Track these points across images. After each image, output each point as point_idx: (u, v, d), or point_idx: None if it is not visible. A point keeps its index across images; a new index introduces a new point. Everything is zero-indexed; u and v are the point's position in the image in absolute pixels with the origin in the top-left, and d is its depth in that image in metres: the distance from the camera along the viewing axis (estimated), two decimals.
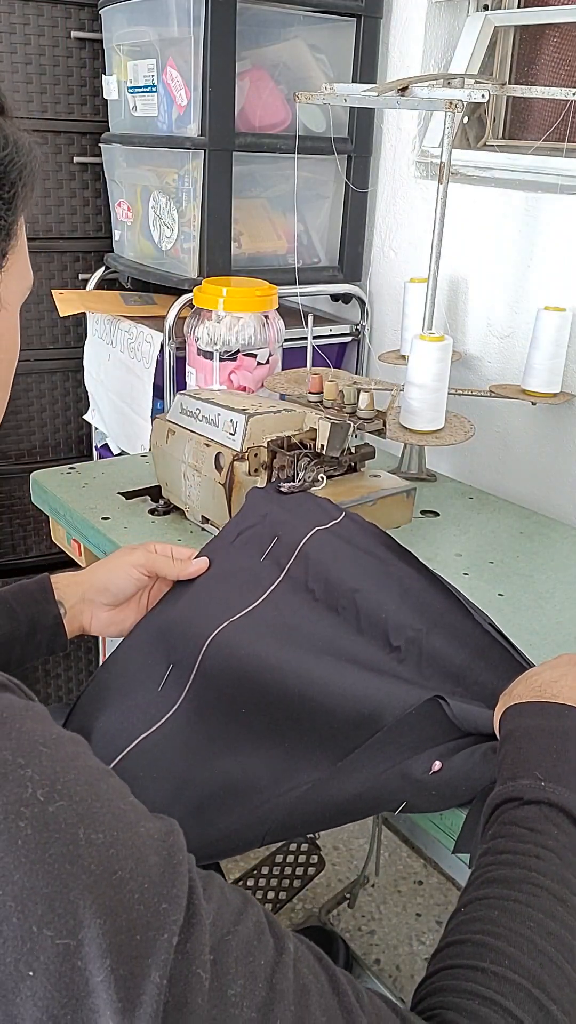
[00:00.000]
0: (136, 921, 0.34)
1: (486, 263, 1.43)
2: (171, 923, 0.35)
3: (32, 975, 0.32)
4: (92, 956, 0.33)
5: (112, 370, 1.68)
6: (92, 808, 0.36)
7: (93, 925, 0.33)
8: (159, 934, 0.34)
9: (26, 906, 0.32)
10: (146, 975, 0.33)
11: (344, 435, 1.09)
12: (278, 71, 1.51)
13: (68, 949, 0.32)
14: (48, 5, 1.66)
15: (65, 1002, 0.32)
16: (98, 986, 0.32)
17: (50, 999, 0.32)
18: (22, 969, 0.32)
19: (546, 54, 1.51)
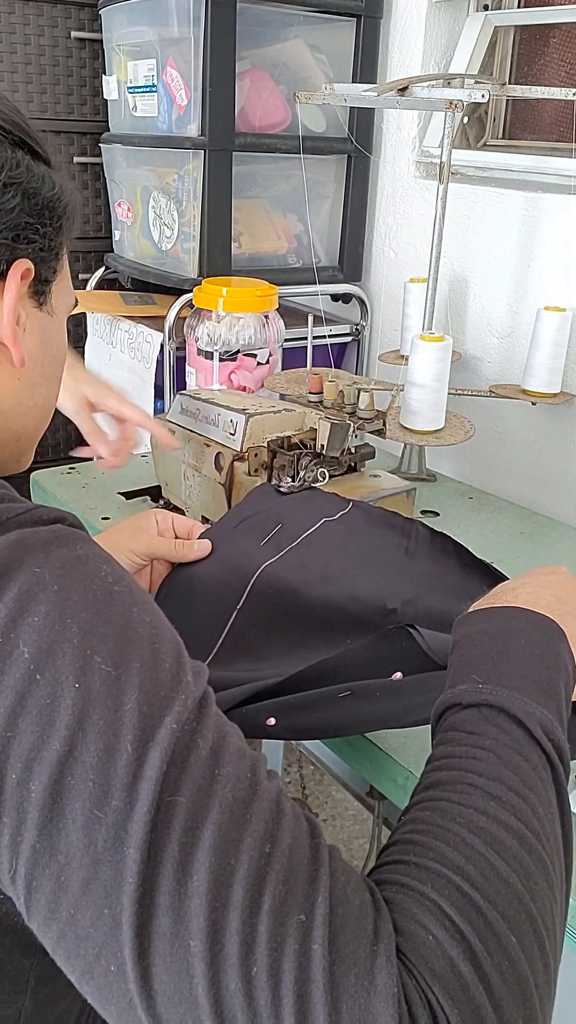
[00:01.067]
0: (163, 680, 0.42)
1: (486, 263, 1.43)
2: (190, 694, 0.43)
3: (77, 687, 0.39)
4: (127, 688, 0.40)
5: (113, 370, 1.68)
6: (145, 601, 0.45)
7: (133, 667, 0.41)
8: (179, 695, 0.42)
9: (86, 635, 0.41)
10: (164, 718, 0.40)
11: (344, 435, 1.09)
12: (278, 71, 1.51)
13: (110, 676, 0.40)
14: (48, 5, 1.66)
15: (97, 716, 0.39)
16: (125, 712, 0.40)
17: (84, 710, 0.39)
18: (71, 680, 0.40)
19: (546, 54, 1.51)
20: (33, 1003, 0.52)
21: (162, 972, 0.37)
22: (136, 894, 0.37)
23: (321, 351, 1.59)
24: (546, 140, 1.51)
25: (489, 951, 0.39)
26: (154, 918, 0.37)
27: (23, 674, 0.40)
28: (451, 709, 0.53)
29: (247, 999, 0.36)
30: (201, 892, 0.37)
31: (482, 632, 0.57)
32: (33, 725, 0.39)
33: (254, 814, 0.40)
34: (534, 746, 0.48)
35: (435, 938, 0.39)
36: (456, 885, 0.41)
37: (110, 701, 0.40)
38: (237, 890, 0.37)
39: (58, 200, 0.57)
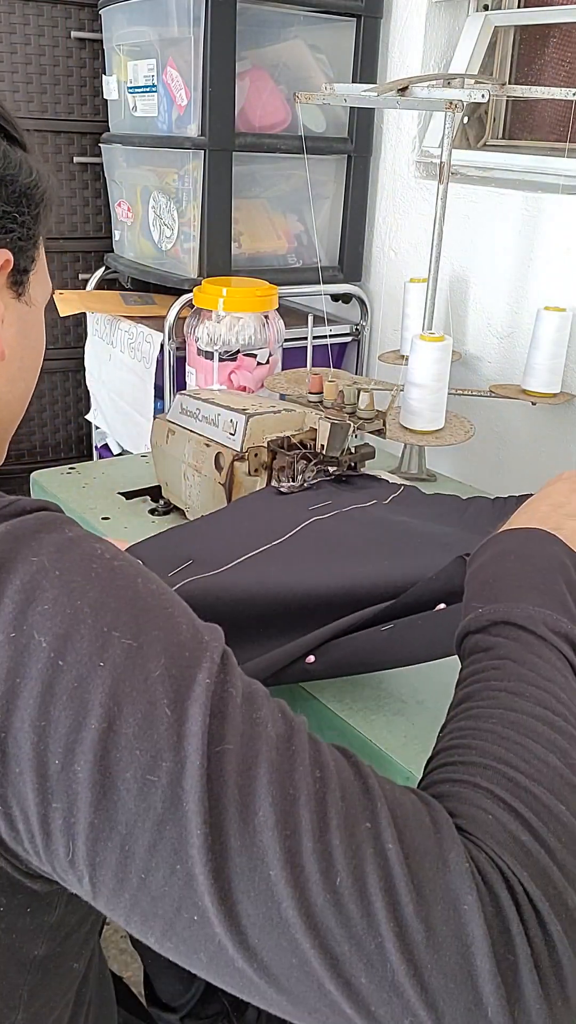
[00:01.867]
0: (185, 642, 0.43)
1: (486, 263, 1.43)
2: (213, 650, 0.43)
3: (102, 665, 0.40)
4: (151, 655, 0.41)
5: (113, 370, 1.68)
6: (145, 571, 0.46)
7: (152, 635, 0.42)
8: (203, 653, 0.43)
9: (99, 613, 0.41)
10: (195, 676, 0.41)
11: (344, 435, 1.09)
12: (278, 71, 1.51)
13: (132, 648, 0.41)
14: (48, 5, 1.66)
15: (129, 688, 0.40)
16: (155, 679, 0.40)
17: (115, 685, 0.40)
18: (95, 660, 0.40)
19: (546, 54, 1.51)
20: (26, 1017, 0.52)
21: (248, 907, 0.38)
22: (206, 844, 0.38)
23: (321, 351, 1.59)
24: (546, 140, 1.51)
25: (543, 820, 0.41)
26: (228, 860, 0.38)
27: (45, 663, 0.40)
28: (464, 640, 0.55)
29: (337, 908, 0.37)
30: (269, 825, 0.38)
31: (479, 566, 0.59)
32: (66, 710, 0.39)
33: (297, 745, 0.42)
34: (542, 643, 0.51)
35: (492, 816, 0.41)
36: (501, 772, 0.43)
37: (138, 672, 0.40)
38: (303, 814, 0.39)
39: (35, 187, 0.55)
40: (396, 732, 0.78)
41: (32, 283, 0.59)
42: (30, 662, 0.40)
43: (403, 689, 0.84)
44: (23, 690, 0.39)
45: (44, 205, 0.57)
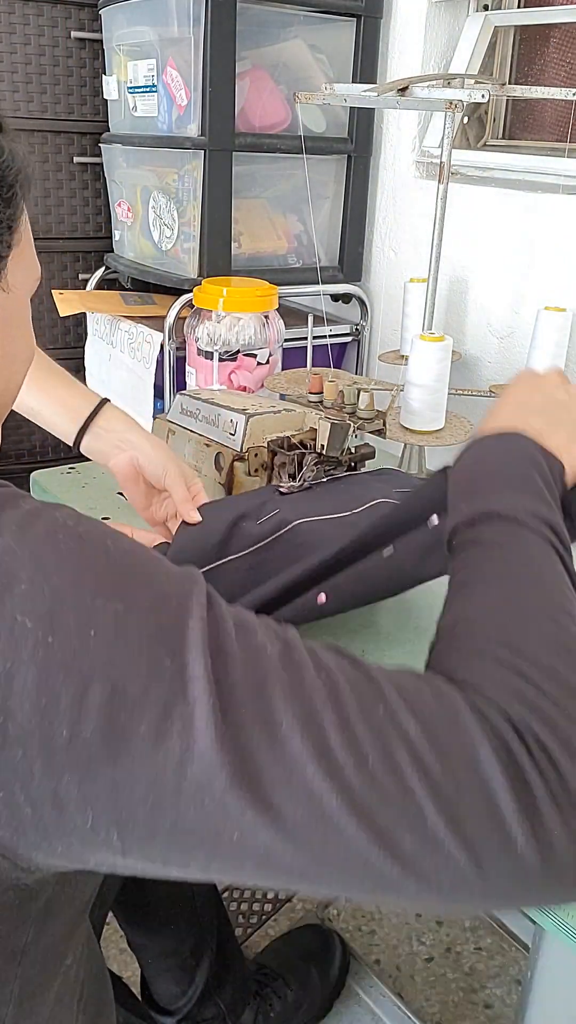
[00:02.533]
0: (169, 593, 0.44)
1: (486, 263, 1.43)
2: (197, 593, 0.44)
3: (94, 634, 0.40)
4: (139, 614, 0.41)
5: (113, 370, 1.68)
6: (110, 530, 0.46)
7: (135, 593, 0.42)
8: (188, 598, 0.44)
9: (78, 584, 0.41)
10: (186, 622, 0.42)
11: (344, 435, 1.09)
12: (278, 71, 1.51)
13: (119, 612, 0.41)
14: (48, 5, 1.66)
15: (124, 650, 0.40)
16: (149, 636, 0.41)
17: (110, 650, 0.40)
18: (85, 631, 0.40)
19: (546, 54, 1.51)
20: (18, 1012, 0.52)
21: (292, 810, 0.40)
22: (237, 770, 0.40)
23: (321, 351, 1.59)
24: (546, 140, 1.51)
25: (544, 674, 0.45)
26: (263, 776, 0.40)
27: (35, 643, 0.40)
28: (453, 538, 0.58)
29: (374, 788, 0.40)
30: (296, 732, 0.41)
31: (459, 470, 0.62)
32: (67, 684, 0.39)
33: (298, 657, 0.44)
34: (526, 529, 0.54)
35: (497, 676, 0.45)
36: (500, 641, 0.47)
37: (131, 632, 0.41)
38: (324, 714, 0.42)
39: (8, 168, 0.52)
40: None
41: (10, 269, 0.55)
42: (20, 645, 0.40)
43: None
44: (17, 673, 0.39)
45: (20, 185, 0.53)
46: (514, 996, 1.33)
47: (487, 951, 1.41)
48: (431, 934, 1.44)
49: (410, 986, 1.35)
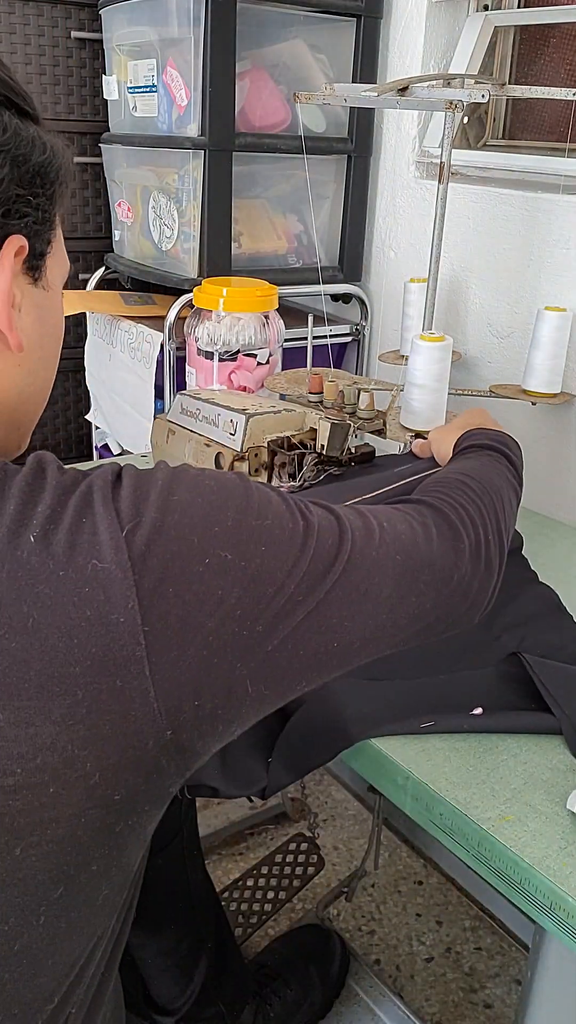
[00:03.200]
0: (287, 507, 0.54)
1: (486, 263, 1.43)
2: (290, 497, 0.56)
3: (264, 549, 0.49)
4: (279, 524, 0.51)
5: (113, 370, 1.68)
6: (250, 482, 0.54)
7: (273, 510, 0.52)
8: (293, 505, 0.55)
9: (245, 514, 0.49)
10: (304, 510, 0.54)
11: (344, 435, 1.09)
12: (278, 71, 1.51)
13: (268, 526, 0.51)
14: (48, 5, 1.66)
15: (284, 549, 0.51)
16: (287, 539, 0.51)
17: (278, 551, 0.50)
18: (259, 547, 0.49)
19: (546, 54, 1.51)
20: (112, 940, 0.58)
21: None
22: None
23: (321, 351, 1.59)
24: (546, 140, 1.51)
25: (466, 494, 0.72)
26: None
27: (237, 568, 0.48)
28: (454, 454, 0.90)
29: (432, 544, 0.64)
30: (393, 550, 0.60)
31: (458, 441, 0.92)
32: (267, 585, 0.49)
33: (340, 551, 0.55)
34: (479, 450, 0.86)
35: (431, 497, 0.71)
36: (440, 492, 0.72)
37: (280, 536, 0.51)
38: (406, 534, 0.63)
39: (50, 164, 0.53)
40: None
41: (49, 266, 0.57)
42: (227, 572, 0.47)
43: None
44: (228, 596, 0.47)
45: (60, 183, 0.55)
46: (514, 996, 1.33)
47: (487, 951, 1.41)
48: (431, 934, 1.44)
49: (410, 986, 1.35)
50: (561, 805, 0.70)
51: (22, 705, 0.43)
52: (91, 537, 0.44)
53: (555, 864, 0.64)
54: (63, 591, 0.43)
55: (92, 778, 0.45)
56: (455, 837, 0.70)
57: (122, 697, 0.44)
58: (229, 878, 1.51)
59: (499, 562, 0.70)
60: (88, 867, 0.47)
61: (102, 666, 0.43)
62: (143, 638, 0.44)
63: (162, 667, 0.45)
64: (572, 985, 0.72)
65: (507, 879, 0.66)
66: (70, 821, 0.45)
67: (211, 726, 0.48)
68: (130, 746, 0.45)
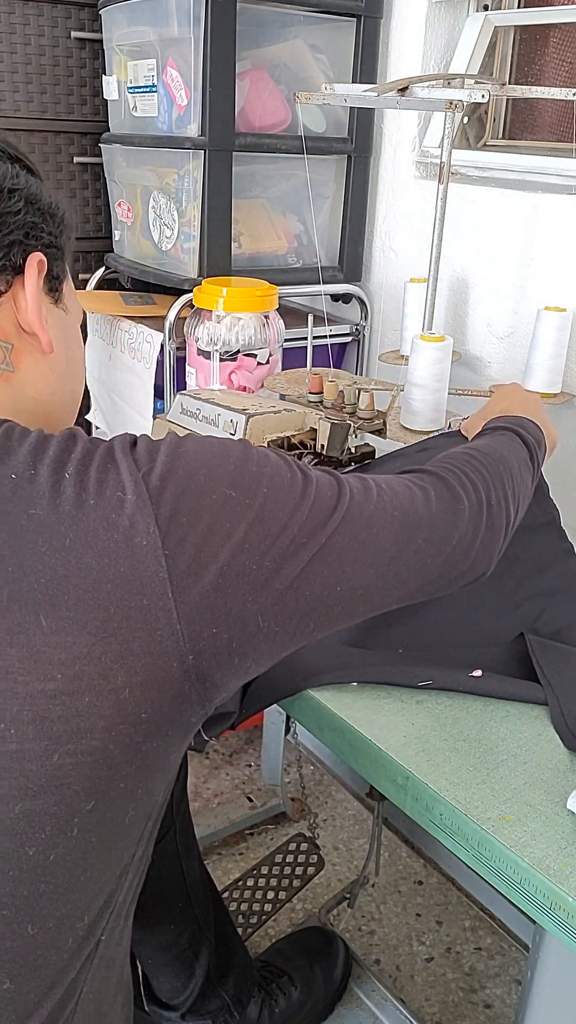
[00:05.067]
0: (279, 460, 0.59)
1: (486, 263, 1.43)
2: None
3: (267, 490, 0.55)
4: (278, 471, 0.57)
5: (113, 370, 1.68)
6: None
7: (271, 459, 0.58)
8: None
9: (245, 462, 0.56)
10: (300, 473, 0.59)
11: (344, 435, 1.09)
12: (278, 71, 1.51)
13: (268, 472, 0.57)
14: (48, 5, 1.66)
15: (284, 493, 0.56)
16: (288, 483, 0.57)
17: (277, 494, 0.55)
18: (260, 488, 0.55)
19: (546, 54, 1.51)
20: (128, 892, 0.61)
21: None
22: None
23: (321, 351, 1.59)
24: (546, 140, 1.51)
25: (469, 463, 0.75)
26: None
27: (241, 506, 0.54)
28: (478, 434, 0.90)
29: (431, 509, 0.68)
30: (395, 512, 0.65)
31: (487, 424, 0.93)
32: (271, 525, 0.54)
33: (337, 509, 0.59)
34: (495, 432, 0.87)
35: (432, 466, 0.74)
36: (442, 462, 0.75)
37: (280, 481, 0.57)
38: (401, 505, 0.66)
39: (56, 208, 0.63)
40: (396, 732, 0.78)
41: (66, 292, 0.67)
42: (235, 508, 0.53)
43: (403, 689, 0.84)
44: (236, 530, 0.53)
45: (65, 224, 0.65)
46: (514, 996, 1.33)
47: (487, 951, 1.41)
48: (431, 934, 1.44)
49: (410, 986, 1.35)
50: (561, 805, 0.70)
51: (62, 616, 0.49)
52: (115, 476, 0.52)
53: (555, 864, 0.64)
54: (95, 516, 0.50)
55: (123, 692, 0.50)
56: (455, 837, 0.70)
57: (149, 615, 0.50)
58: (229, 878, 1.51)
59: (504, 524, 0.74)
60: (116, 784, 0.52)
61: (130, 584, 0.50)
62: (164, 560, 0.50)
63: (182, 590, 0.51)
64: (572, 985, 0.72)
65: (507, 879, 0.66)
66: (103, 733, 0.50)
67: (228, 658, 0.53)
68: (157, 666, 0.51)
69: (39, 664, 0.49)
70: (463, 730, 0.79)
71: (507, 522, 0.75)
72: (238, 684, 0.57)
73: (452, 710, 0.82)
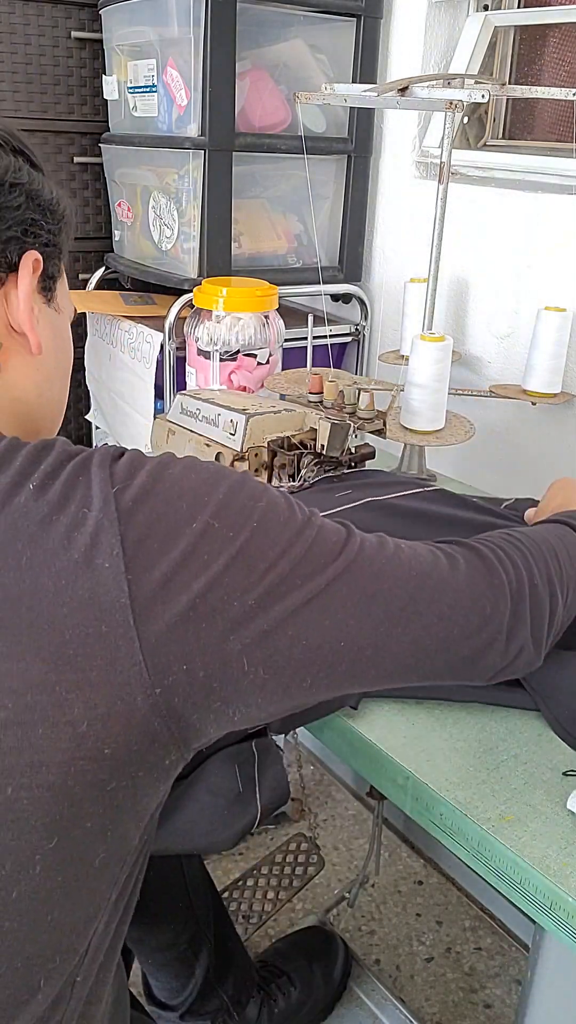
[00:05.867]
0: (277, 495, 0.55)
1: (486, 263, 1.43)
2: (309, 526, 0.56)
3: (256, 524, 0.51)
4: (274, 505, 0.53)
5: (113, 370, 1.68)
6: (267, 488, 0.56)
7: (268, 494, 0.54)
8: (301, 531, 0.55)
9: (236, 493, 0.52)
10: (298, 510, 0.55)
11: (344, 435, 1.09)
12: (278, 71, 1.51)
13: (263, 507, 0.52)
14: (48, 5, 1.66)
15: (275, 527, 0.52)
16: (284, 521, 0.53)
17: (269, 528, 0.52)
18: (249, 523, 0.51)
19: (546, 54, 1.51)
20: (106, 923, 0.57)
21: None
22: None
23: (321, 351, 1.59)
24: (546, 140, 1.51)
25: (509, 542, 0.68)
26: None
27: (223, 539, 0.50)
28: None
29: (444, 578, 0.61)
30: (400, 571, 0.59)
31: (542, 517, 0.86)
32: (253, 561, 0.50)
33: (339, 553, 0.55)
34: (552, 523, 0.78)
35: (476, 542, 0.67)
36: (479, 539, 0.68)
37: (273, 515, 0.53)
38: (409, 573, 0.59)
39: (57, 203, 0.61)
40: (396, 732, 0.78)
41: (59, 293, 0.64)
42: (217, 539, 0.50)
43: (403, 689, 0.84)
44: (215, 561, 0.49)
45: (65, 222, 0.63)
46: (514, 996, 1.33)
47: (487, 951, 1.41)
48: (431, 934, 1.44)
49: (410, 986, 1.35)
50: (561, 805, 0.70)
51: (15, 640, 0.46)
52: (84, 491, 0.49)
53: (555, 864, 0.64)
54: (54, 533, 0.47)
55: (80, 726, 0.47)
56: (455, 837, 0.70)
57: (108, 643, 0.47)
58: (229, 878, 1.51)
59: (550, 609, 0.67)
60: (82, 823, 0.49)
61: (88, 608, 0.46)
62: (127, 586, 0.47)
63: (146, 620, 0.47)
64: (572, 985, 0.72)
65: (507, 879, 0.66)
66: (60, 768, 0.47)
67: (205, 699, 0.50)
68: (118, 698, 0.47)
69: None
70: (463, 730, 0.79)
71: (555, 608, 0.67)
72: (221, 731, 0.53)
73: (452, 710, 0.81)
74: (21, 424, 0.60)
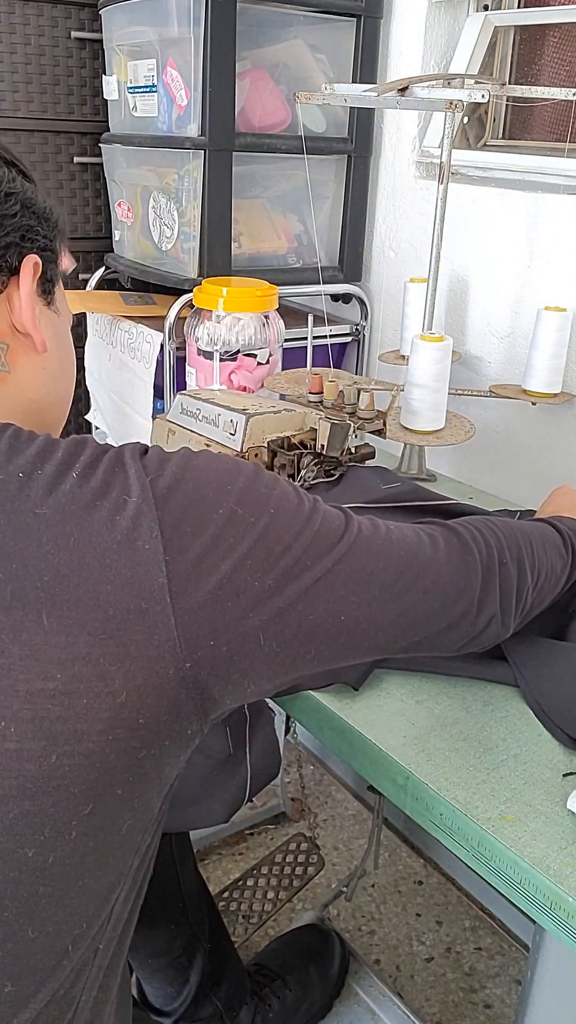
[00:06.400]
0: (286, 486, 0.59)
1: (486, 263, 1.43)
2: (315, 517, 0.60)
3: (273, 511, 0.56)
4: (286, 494, 0.58)
5: (113, 370, 1.68)
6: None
7: (279, 483, 0.58)
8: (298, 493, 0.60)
9: (255, 480, 0.56)
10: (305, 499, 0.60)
11: (344, 435, 1.09)
12: (278, 71, 1.51)
13: (277, 494, 0.57)
14: (48, 5, 1.66)
15: (290, 515, 0.56)
16: (295, 507, 0.58)
17: (284, 515, 0.56)
18: (267, 509, 0.55)
19: (546, 54, 1.51)
20: (124, 901, 0.60)
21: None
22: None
23: (321, 351, 1.59)
24: (546, 140, 1.51)
25: (487, 526, 0.73)
26: None
27: (246, 524, 0.54)
28: None
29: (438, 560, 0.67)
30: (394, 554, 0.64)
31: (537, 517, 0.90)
32: (276, 543, 0.54)
33: (341, 541, 0.60)
34: (538, 522, 0.82)
35: (455, 523, 0.72)
36: (460, 521, 0.73)
37: (287, 504, 0.57)
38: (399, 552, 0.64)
39: (51, 211, 0.64)
40: (396, 732, 0.78)
41: (58, 296, 0.68)
42: (242, 524, 0.54)
43: (403, 689, 0.84)
44: (240, 545, 0.53)
45: (59, 229, 0.65)
46: (514, 996, 1.33)
47: (487, 951, 1.41)
48: (431, 934, 1.44)
49: (410, 986, 1.35)
50: (561, 805, 0.70)
51: (63, 615, 0.49)
52: (123, 480, 0.53)
53: (555, 864, 0.64)
54: (98, 516, 0.51)
55: (120, 696, 0.50)
56: (455, 837, 0.70)
57: (147, 619, 0.50)
58: (229, 878, 1.51)
59: (519, 587, 0.72)
60: (114, 790, 0.53)
61: (130, 586, 0.50)
62: (164, 567, 0.51)
63: (181, 598, 0.51)
64: (572, 985, 0.72)
65: (507, 879, 0.66)
66: (100, 737, 0.50)
67: (226, 672, 0.54)
68: (154, 671, 0.51)
69: (40, 663, 0.49)
70: (463, 730, 0.79)
71: (522, 586, 0.73)
72: (236, 703, 0.57)
73: (452, 710, 0.82)
74: (33, 424, 0.62)
